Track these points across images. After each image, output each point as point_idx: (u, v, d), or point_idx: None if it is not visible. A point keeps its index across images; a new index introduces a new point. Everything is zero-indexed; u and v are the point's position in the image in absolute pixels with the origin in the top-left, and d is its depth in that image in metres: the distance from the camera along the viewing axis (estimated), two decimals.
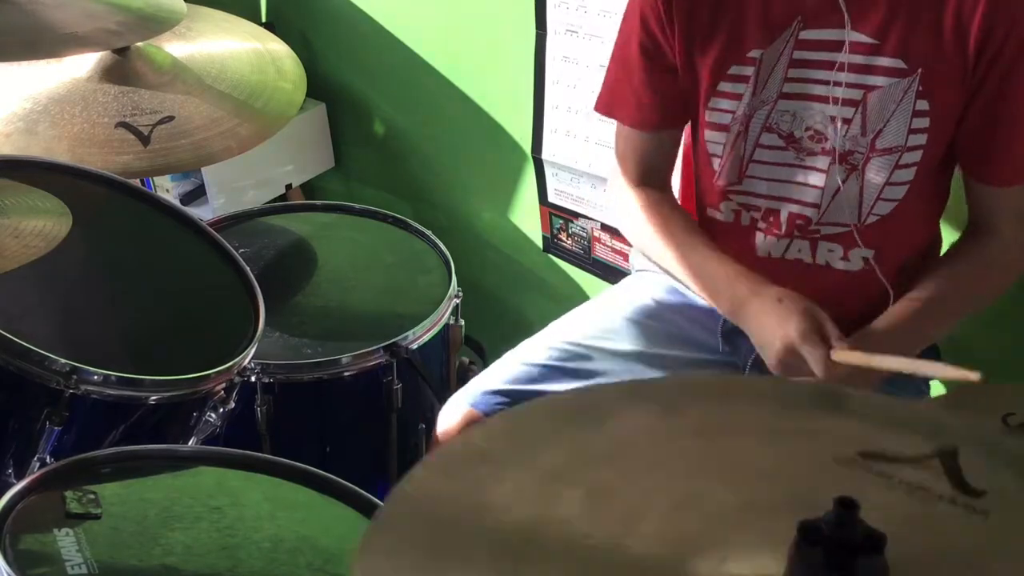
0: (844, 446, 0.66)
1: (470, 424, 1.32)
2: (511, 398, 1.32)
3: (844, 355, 1.11)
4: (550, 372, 1.34)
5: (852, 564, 0.55)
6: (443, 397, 1.58)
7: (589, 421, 0.71)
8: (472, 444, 0.70)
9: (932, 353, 1.38)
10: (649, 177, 1.37)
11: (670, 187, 1.40)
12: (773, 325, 1.16)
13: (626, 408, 0.73)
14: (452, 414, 1.35)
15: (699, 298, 1.41)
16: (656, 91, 1.30)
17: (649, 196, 1.35)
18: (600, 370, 1.35)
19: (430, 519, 0.62)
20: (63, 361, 1.13)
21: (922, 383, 1.35)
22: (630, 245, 1.64)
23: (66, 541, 0.98)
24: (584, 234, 1.94)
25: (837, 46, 1.18)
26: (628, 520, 0.61)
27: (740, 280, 1.24)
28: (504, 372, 1.35)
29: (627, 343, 1.38)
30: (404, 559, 0.59)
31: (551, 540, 0.60)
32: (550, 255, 2.04)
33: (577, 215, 1.93)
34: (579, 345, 1.37)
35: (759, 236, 1.30)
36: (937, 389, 1.54)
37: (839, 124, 1.20)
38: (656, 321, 1.41)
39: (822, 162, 1.22)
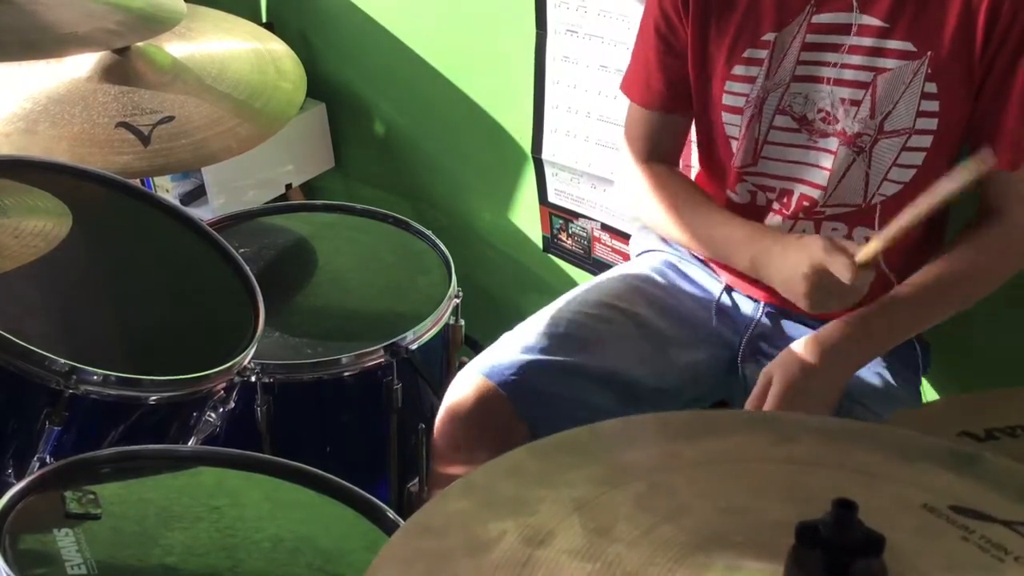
0: (941, 498, 0.65)
1: (485, 395, 1.31)
2: (527, 368, 1.32)
3: (865, 250, 1.11)
4: (561, 342, 1.34)
5: (850, 566, 0.55)
6: (443, 397, 1.58)
7: (692, 436, 0.74)
8: (573, 438, 0.75)
9: (923, 350, 1.38)
10: (657, 155, 1.39)
11: (678, 166, 1.43)
12: (795, 255, 1.17)
13: (738, 431, 0.76)
14: (464, 386, 1.34)
15: (697, 277, 1.43)
16: (665, 73, 1.33)
17: (656, 171, 1.38)
18: (609, 339, 1.36)
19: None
20: (63, 361, 1.13)
21: (918, 363, 1.36)
22: (633, 235, 1.64)
23: (66, 541, 0.98)
24: (584, 234, 1.94)
25: (849, 29, 1.20)
26: (672, 513, 0.64)
27: (758, 234, 1.26)
28: (518, 342, 1.35)
29: (634, 316, 1.39)
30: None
31: (596, 512, 0.65)
32: (550, 255, 2.04)
33: (577, 215, 1.93)
34: (588, 315, 1.38)
35: (770, 216, 1.32)
36: (928, 391, 1.54)
37: (848, 106, 1.21)
38: (661, 292, 1.43)
39: (833, 144, 1.25)
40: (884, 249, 1.11)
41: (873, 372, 1.32)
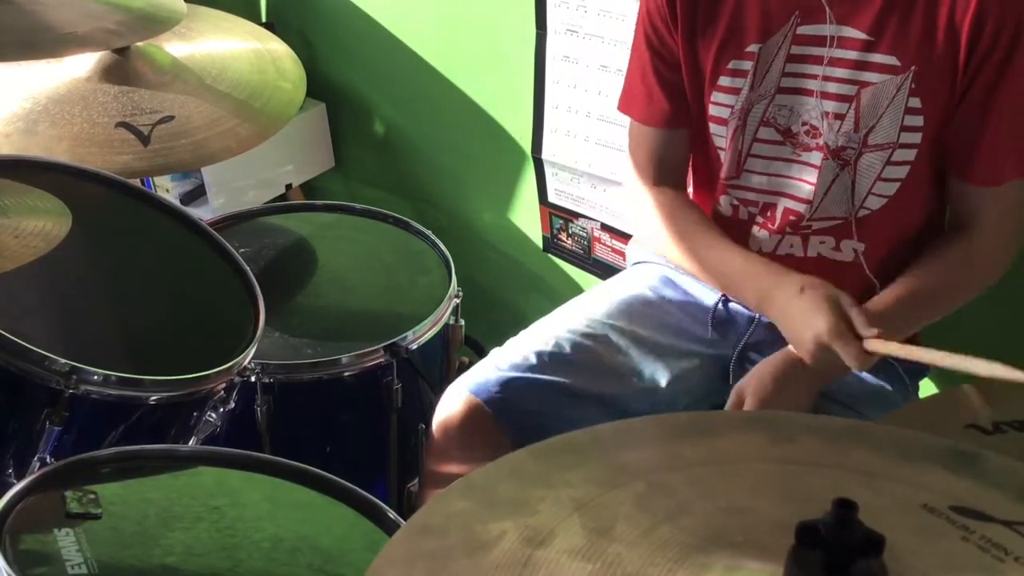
0: (941, 498, 0.66)
1: (471, 411, 1.32)
2: (512, 386, 1.32)
3: (879, 345, 1.11)
4: (549, 361, 1.34)
5: (850, 566, 0.55)
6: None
7: (692, 436, 0.75)
8: (573, 439, 0.75)
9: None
10: (664, 176, 1.37)
11: (685, 186, 1.41)
12: (800, 321, 1.17)
13: (737, 432, 0.76)
14: (453, 401, 1.35)
15: (692, 288, 1.43)
16: (665, 87, 1.32)
17: (665, 197, 1.36)
18: (599, 358, 1.36)
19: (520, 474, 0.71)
20: (63, 361, 1.13)
21: (910, 379, 1.36)
22: (629, 243, 1.64)
23: (66, 541, 0.98)
24: (584, 234, 1.94)
25: (833, 42, 1.20)
26: (672, 513, 0.64)
27: (760, 273, 1.25)
28: (506, 359, 1.36)
29: (625, 332, 1.38)
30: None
31: (596, 512, 0.65)
32: (550, 255, 2.04)
33: (577, 215, 1.93)
34: (579, 333, 1.37)
35: (755, 230, 1.31)
36: (927, 388, 1.54)
37: (832, 119, 1.21)
38: (652, 309, 1.42)
39: (816, 157, 1.24)
40: (898, 358, 1.11)
41: (868, 377, 1.31)
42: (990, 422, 0.94)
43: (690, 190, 1.42)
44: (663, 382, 1.36)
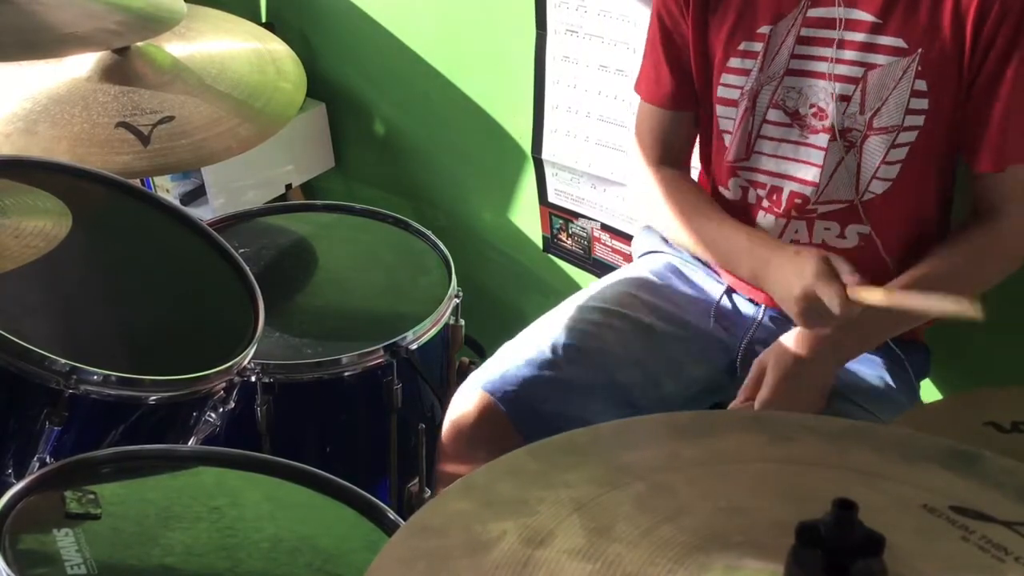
0: (941, 498, 0.66)
1: (485, 409, 1.32)
2: (525, 383, 1.32)
3: (861, 292, 1.12)
4: (563, 354, 1.34)
5: (850, 566, 0.55)
6: (443, 397, 1.58)
7: (692, 436, 0.75)
8: (573, 439, 0.75)
9: (924, 355, 1.38)
10: (667, 157, 1.39)
11: (688, 167, 1.42)
12: (791, 275, 1.18)
13: (738, 431, 0.77)
14: (465, 400, 1.35)
15: (699, 280, 1.43)
16: (674, 67, 1.34)
17: (666, 175, 1.37)
18: (611, 351, 1.36)
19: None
20: (63, 361, 1.13)
21: (916, 376, 1.36)
22: (635, 236, 1.64)
23: (66, 541, 0.98)
24: (584, 234, 1.94)
25: (842, 24, 1.21)
26: (672, 513, 0.65)
27: (758, 244, 1.26)
28: (518, 354, 1.36)
29: (635, 323, 1.39)
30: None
31: (596, 512, 0.65)
32: (550, 255, 2.04)
33: (577, 215, 1.93)
34: (590, 323, 1.38)
35: (761, 215, 1.32)
36: (928, 393, 1.54)
37: (838, 101, 1.22)
38: (660, 297, 1.43)
39: (823, 140, 1.25)
40: (881, 306, 1.11)
41: (873, 374, 1.32)
42: (1009, 420, 0.94)
43: (695, 173, 1.43)
44: (672, 379, 1.37)
